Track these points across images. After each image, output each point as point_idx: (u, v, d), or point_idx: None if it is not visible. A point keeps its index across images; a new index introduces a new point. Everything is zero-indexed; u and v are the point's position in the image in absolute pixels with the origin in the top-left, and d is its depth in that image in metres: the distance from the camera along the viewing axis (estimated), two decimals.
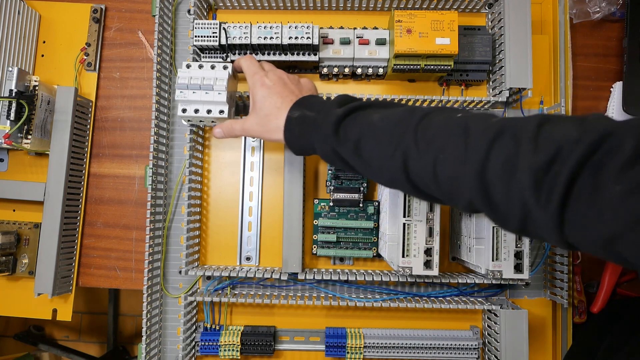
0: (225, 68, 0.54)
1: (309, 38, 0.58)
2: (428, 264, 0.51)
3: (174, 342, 0.63)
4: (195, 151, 0.61)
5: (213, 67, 0.54)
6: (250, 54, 0.59)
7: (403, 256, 0.51)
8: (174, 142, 0.66)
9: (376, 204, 0.62)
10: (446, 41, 0.56)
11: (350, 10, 0.67)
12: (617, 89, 0.64)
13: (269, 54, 0.60)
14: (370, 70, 0.63)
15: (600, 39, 0.67)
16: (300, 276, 0.59)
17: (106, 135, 0.68)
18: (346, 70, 0.63)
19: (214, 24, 0.58)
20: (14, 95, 0.59)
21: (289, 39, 0.58)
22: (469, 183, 0.36)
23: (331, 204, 0.62)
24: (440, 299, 0.60)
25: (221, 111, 0.54)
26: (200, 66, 0.54)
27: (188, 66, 0.55)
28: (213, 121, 0.56)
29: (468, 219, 0.56)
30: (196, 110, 0.54)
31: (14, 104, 0.58)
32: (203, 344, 0.60)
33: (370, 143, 0.42)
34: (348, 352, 0.59)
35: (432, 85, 0.66)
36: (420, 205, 0.51)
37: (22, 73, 0.61)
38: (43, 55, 0.69)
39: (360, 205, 0.62)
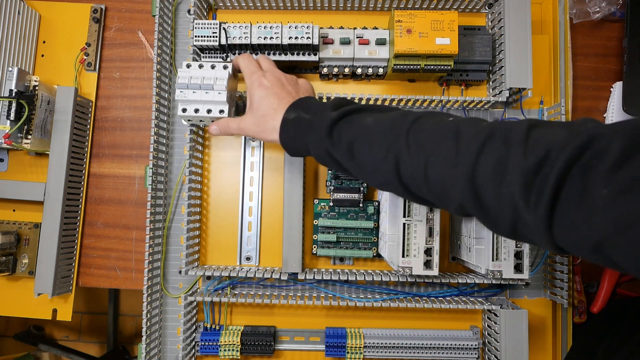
0: (225, 68, 0.54)
1: (309, 38, 0.58)
2: (428, 264, 0.51)
3: (174, 342, 0.63)
4: (195, 151, 0.61)
5: (213, 67, 0.54)
6: (249, 53, 0.59)
7: (403, 256, 0.51)
8: (174, 142, 0.66)
9: (376, 204, 0.62)
10: (446, 41, 0.56)
11: (350, 10, 0.67)
12: (617, 89, 0.64)
13: (269, 54, 0.60)
14: (370, 70, 0.63)
15: (600, 39, 0.67)
16: (300, 276, 0.59)
17: (106, 135, 0.68)
18: (346, 70, 0.63)
19: (214, 24, 0.58)
20: (14, 95, 0.59)
21: (289, 39, 0.58)
22: (459, 186, 0.36)
23: (331, 204, 0.62)
24: (440, 299, 0.60)
25: (221, 111, 0.54)
26: (200, 66, 0.54)
27: (188, 66, 0.55)
28: (213, 121, 0.56)
29: (468, 219, 0.56)
30: (196, 110, 0.54)
31: (14, 104, 0.58)
32: (203, 344, 0.60)
33: (363, 146, 0.42)
34: (348, 352, 0.59)
35: (432, 85, 0.66)
36: (420, 205, 0.51)
37: (22, 73, 0.61)
38: (43, 55, 0.69)
39: (360, 205, 0.62)
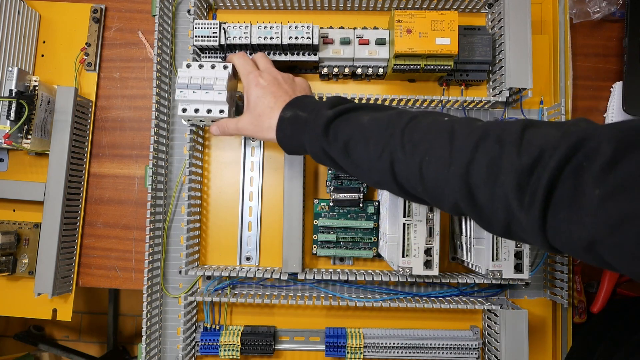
0: (225, 68, 0.54)
1: (309, 38, 0.58)
2: (428, 264, 0.51)
3: (174, 342, 0.63)
4: (195, 151, 0.61)
5: (213, 67, 0.54)
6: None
7: (403, 256, 0.51)
8: (174, 142, 0.66)
9: (376, 204, 0.62)
10: (446, 41, 0.56)
11: (350, 10, 0.67)
12: (617, 89, 0.64)
13: (269, 54, 0.60)
14: (370, 70, 0.63)
15: (600, 39, 0.67)
16: (300, 276, 0.59)
17: (106, 135, 0.68)
18: (346, 70, 0.63)
19: (214, 24, 0.58)
20: (14, 95, 0.59)
21: (289, 39, 0.58)
22: (454, 185, 0.36)
23: (331, 203, 0.62)
24: (440, 299, 0.60)
25: (221, 111, 0.54)
26: (200, 66, 0.54)
27: (188, 66, 0.55)
28: (213, 121, 0.56)
29: (468, 219, 0.56)
30: (196, 110, 0.54)
31: (14, 104, 0.58)
32: (203, 344, 0.60)
33: (359, 144, 0.42)
34: (348, 352, 0.59)
35: (432, 85, 0.66)
36: (420, 205, 0.51)
37: (22, 73, 0.61)
38: (43, 55, 0.68)
39: (360, 205, 0.62)
